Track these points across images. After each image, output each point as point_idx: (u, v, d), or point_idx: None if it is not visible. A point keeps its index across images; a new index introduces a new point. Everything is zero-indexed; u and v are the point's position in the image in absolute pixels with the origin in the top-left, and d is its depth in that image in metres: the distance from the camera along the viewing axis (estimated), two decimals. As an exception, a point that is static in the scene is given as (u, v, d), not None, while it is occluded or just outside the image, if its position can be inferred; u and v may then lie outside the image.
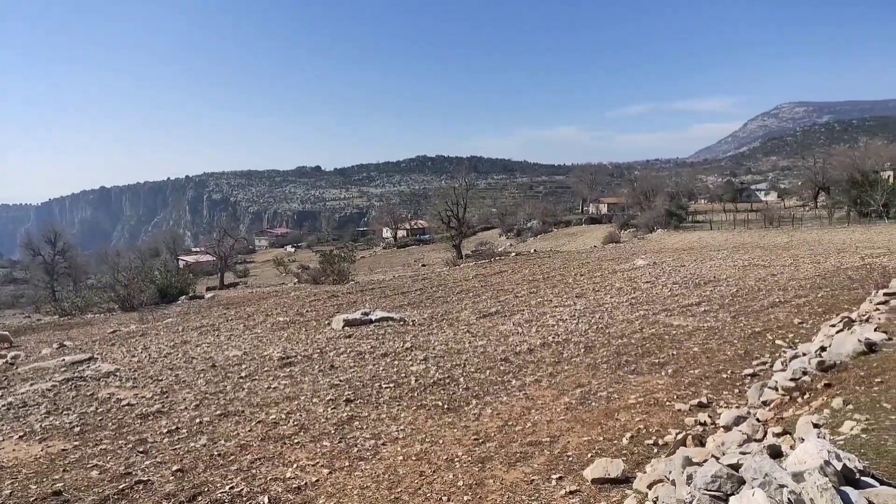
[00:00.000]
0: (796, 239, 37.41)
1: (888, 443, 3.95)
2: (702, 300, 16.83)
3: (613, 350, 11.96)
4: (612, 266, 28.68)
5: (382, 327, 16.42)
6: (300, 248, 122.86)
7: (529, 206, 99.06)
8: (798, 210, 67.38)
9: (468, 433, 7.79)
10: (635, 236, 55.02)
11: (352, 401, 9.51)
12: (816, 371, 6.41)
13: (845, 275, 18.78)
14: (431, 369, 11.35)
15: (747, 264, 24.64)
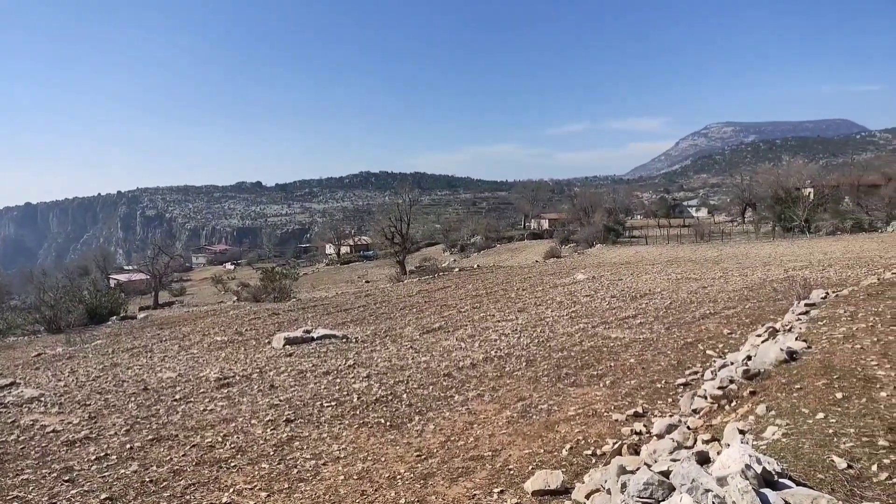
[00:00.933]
0: (725, 253, 39.08)
1: (805, 446, 4.19)
2: (638, 313, 17.35)
3: (554, 363, 12.17)
4: (553, 280, 29.22)
5: (324, 345, 16.19)
6: (240, 265, 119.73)
7: (473, 222, 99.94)
8: (727, 225, 70.50)
9: (411, 450, 7.76)
10: (575, 251, 56.23)
11: (292, 421, 9.32)
12: (742, 379, 6.73)
13: (770, 287, 19.75)
14: (374, 386, 11.27)
15: (680, 277, 25.57)
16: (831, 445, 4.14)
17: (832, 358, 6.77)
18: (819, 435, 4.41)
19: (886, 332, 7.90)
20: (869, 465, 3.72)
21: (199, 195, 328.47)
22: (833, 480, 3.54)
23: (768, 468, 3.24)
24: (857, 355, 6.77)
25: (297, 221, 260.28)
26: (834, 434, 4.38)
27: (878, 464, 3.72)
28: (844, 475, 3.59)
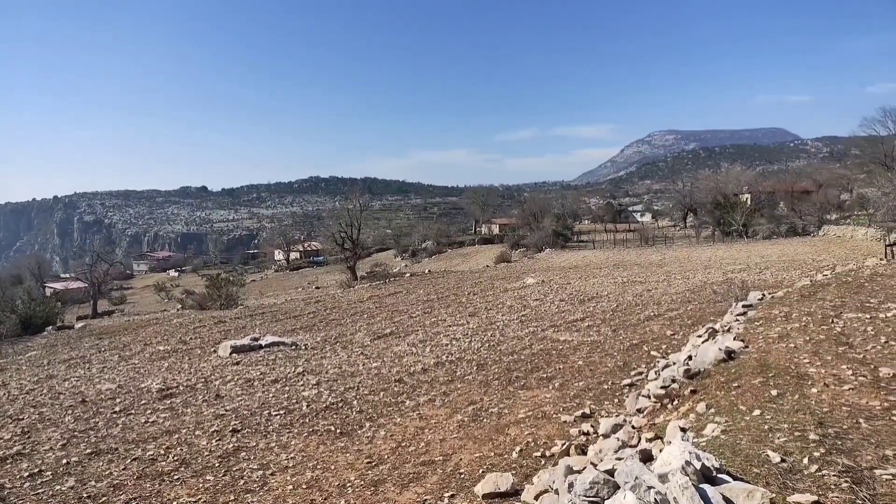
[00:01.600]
0: (669, 257, 40.29)
1: (742, 442, 4.36)
2: (586, 316, 17.69)
3: (504, 366, 12.29)
4: (504, 285, 29.50)
5: (273, 352, 15.89)
6: (184, 272, 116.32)
7: (424, 227, 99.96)
8: (670, 230, 72.67)
9: (361, 457, 7.70)
10: (525, 256, 56.89)
11: (238, 431, 9.11)
12: (684, 379, 6.95)
13: (711, 289, 20.46)
14: (324, 393, 11.13)
15: (626, 281, 26.21)
16: (766, 441, 4.32)
17: (768, 357, 7.06)
18: (755, 431, 4.59)
19: (818, 332, 8.29)
20: (801, 458, 3.90)
21: (140, 200, 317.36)
22: (768, 474, 3.69)
23: (707, 464, 3.36)
24: (790, 354, 7.08)
25: (245, 227, 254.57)
26: (769, 430, 4.58)
27: (808, 457, 3.90)
28: (778, 469, 3.76)
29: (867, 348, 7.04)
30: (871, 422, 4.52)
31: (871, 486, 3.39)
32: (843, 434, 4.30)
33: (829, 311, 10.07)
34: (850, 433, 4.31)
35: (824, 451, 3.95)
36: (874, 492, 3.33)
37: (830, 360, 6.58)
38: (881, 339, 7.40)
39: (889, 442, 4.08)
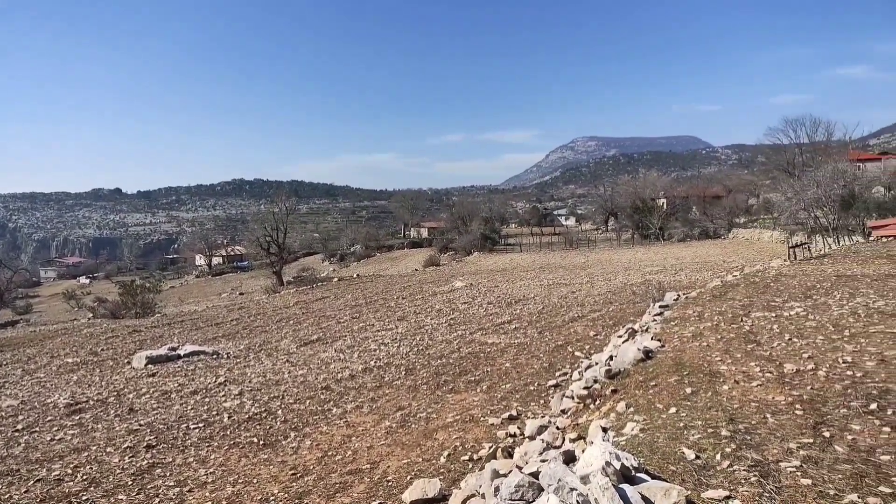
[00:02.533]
0: (592, 259, 41.58)
1: (659, 440, 4.51)
2: (513, 318, 17.96)
3: (433, 371, 12.28)
4: (433, 288, 29.56)
5: (192, 362, 15.26)
6: (97, 279, 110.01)
7: (352, 231, 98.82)
8: (593, 233, 74.99)
9: (285, 468, 7.48)
10: (454, 259, 57.27)
11: (154, 446, 8.67)
12: (605, 379, 7.16)
13: (631, 290, 21.23)
14: (247, 404, 10.77)
15: (552, 283, 26.82)
16: (682, 438, 4.48)
17: (683, 355, 7.37)
18: (671, 429, 4.76)
19: (728, 330, 8.74)
20: (714, 454, 4.07)
21: (48, 203, 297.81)
22: (683, 471, 3.83)
23: (626, 464, 3.44)
24: (703, 352, 7.42)
25: (163, 231, 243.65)
26: (684, 427, 4.76)
27: (721, 453, 4.07)
28: (693, 465, 3.90)
29: (773, 345, 7.47)
30: (776, 416, 4.78)
31: (777, 479, 3.57)
32: (751, 429, 4.53)
33: (738, 310, 10.64)
34: (759, 428, 4.54)
35: (735, 447, 4.13)
36: (780, 484, 3.51)
37: (740, 358, 6.93)
38: (785, 337, 7.86)
39: (793, 435, 4.32)
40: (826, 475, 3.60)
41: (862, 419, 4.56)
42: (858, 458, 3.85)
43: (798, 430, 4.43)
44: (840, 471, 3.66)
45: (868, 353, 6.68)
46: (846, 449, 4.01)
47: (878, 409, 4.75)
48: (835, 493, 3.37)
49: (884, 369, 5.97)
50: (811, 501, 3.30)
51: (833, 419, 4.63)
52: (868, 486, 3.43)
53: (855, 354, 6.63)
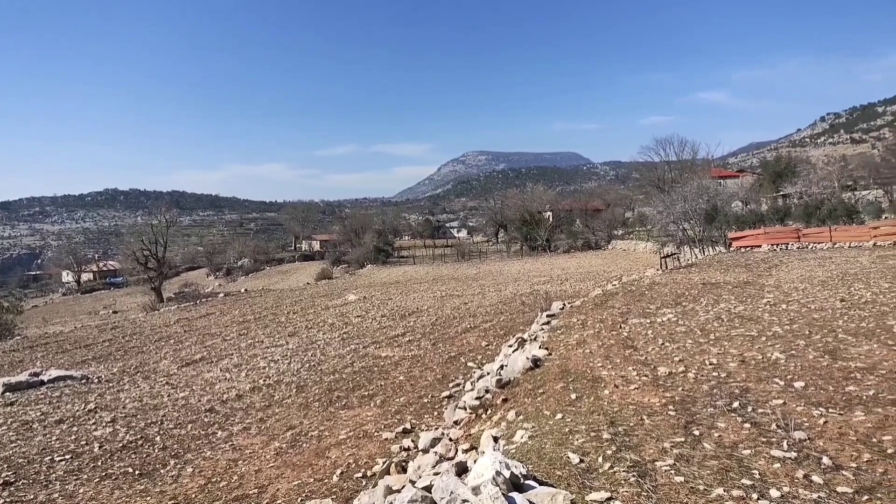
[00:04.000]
0: (483, 270, 42.55)
1: (547, 446, 4.67)
2: (407, 330, 17.97)
3: (325, 387, 12.02)
4: (325, 302, 28.98)
5: (58, 388, 13.93)
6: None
7: (240, 244, 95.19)
8: (484, 245, 76.88)
9: (164, 499, 7.00)
10: (347, 272, 56.56)
11: (11, 483, 7.81)
12: (496, 388, 7.32)
13: (520, 300, 21.92)
14: (120, 431, 9.99)
15: (445, 295, 27.14)
16: (567, 443, 4.67)
17: (568, 363, 7.69)
18: (558, 434, 4.95)
19: (608, 337, 9.23)
20: (596, 457, 4.27)
21: None
22: (569, 475, 3.98)
23: (515, 472, 3.53)
24: (587, 359, 7.78)
25: (24, 245, 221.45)
26: (569, 432, 4.95)
27: (602, 455, 4.28)
28: (577, 469, 4.07)
29: (648, 350, 7.98)
30: (652, 418, 5.10)
31: (653, 478, 3.80)
32: (630, 431, 4.79)
33: (617, 317, 11.28)
34: (636, 430, 4.82)
35: (615, 449, 4.36)
36: (656, 483, 3.73)
37: (619, 363, 7.33)
38: (659, 342, 8.43)
39: (666, 435, 4.62)
40: (696, 472, 3.88)
41: (726, 417, 4.96)
42: (724, 453, 4.19)
43: (671, 429, 4.74)
44: (708, 467, 3.96)
45: (730, 354, 7.31)
46: (713, 446, 4.34)
47: (739, 407, 5.20)
48: (704, 488, 3.64)
49: (744, 369, 6.55)
50: (684, 497, 3.53)
51: (701, 418, 5.00)
52: (732, 480, 3.73)
53: (719, 356, 7.23)
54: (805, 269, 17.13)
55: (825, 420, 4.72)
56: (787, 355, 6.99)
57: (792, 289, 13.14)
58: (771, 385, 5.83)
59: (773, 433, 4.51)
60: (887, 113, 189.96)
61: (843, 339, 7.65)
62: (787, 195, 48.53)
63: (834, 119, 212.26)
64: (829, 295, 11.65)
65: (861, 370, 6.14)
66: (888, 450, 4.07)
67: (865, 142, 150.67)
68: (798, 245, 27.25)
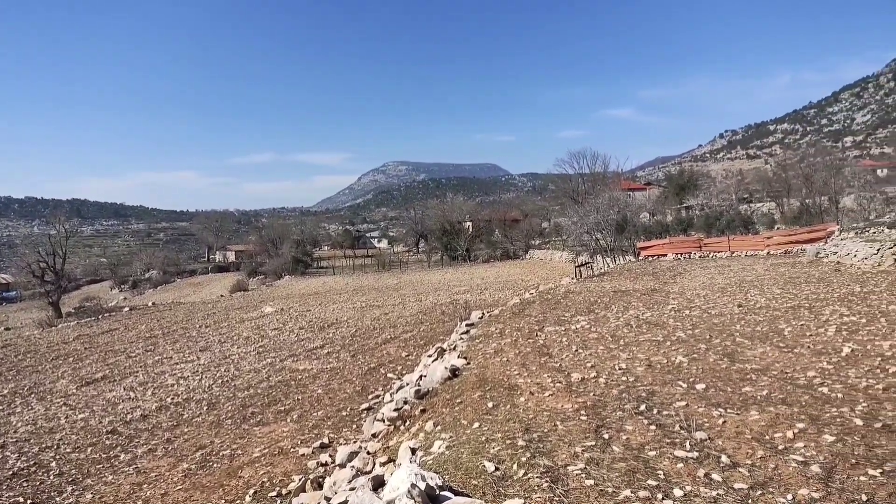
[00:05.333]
0: (404, 280, 42.47)
1: (463, 455, 4.69)
2: (325, 342, 17.65)
3: (239, 403, 11.61)
4: (240, 315, 28.02)
5: (-64, 415, 12.72)
6: None
7: (148, 255, 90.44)
8: (405, 255, 76.78)
9: (59, 530, 6.52)
10: (264, 283, 54.95)
11: None
12: (415, 399, 7.29)
13: (440, 310, 22.03)
14: (11, 458, 9.24)
15: (365, 305, 26.88)
16: (484, 452, 4.71)
17: (486, 371, 7.78)
18: (475, 443, 4.98)
19: (525, 345, 9.42)
20: (511, 464, 4.33)
21: None
22: (484, 484, 4.01)
23: (431, 483, 3.51)
24: (504, 367, 7.90)
25: None
26: (486, 441, 5.00)
27: (517, 462, 4.34)
28: (493, 477, 4.11)
29: (563, 357, 8.20)
30: (565, 423, 5.23)
31: (565, 483, 3.90)
32: (544, 437, 4.90)
33: (534, 325, 11.55)
34: (550, 436, 4.93)
35: (530, 456, 4.44)
36: (567, 487, 3.82)
37: (535, 370, 7.49)
38: (573, 349, 8.68)
39: (578, 440, 4.76)
40: (605, 474, 4.01)
41: (634, 420, 5.16)
42: (631, 455, 4.35)
43: (583, 434, 4.88)
44: (617, 469, 4.10)
45: (638, 359, 7.62)
46: (622, 448, 4.50)
47: (646, 410, 5.43)
48: (612, 490, 3.76)
49: (650, 373, 6.85)
50: (593, 500, 3.64)
51: (611, 422, 5.18)
52: (639, 481, 3.88)
53: (628, 361, 7.53)
54: (706, 276, 18.17)
55: (724, 420, 5.00)
56: (689, 359, 7.37)
57: (695, 295, 13.90)
58: (675, 388, 6.12)
59: (676, 434, 4.73)
60: (778, 131, 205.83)
61: (740, 343, 8.16)
62: (689, 207, 51.42)
63: (731, 136, 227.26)
64: (728, 301, 12.41)
65: (756, 371, 6.56)
66: (779, 446, 4.35)
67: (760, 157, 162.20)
68: (700, 254, 28.90)
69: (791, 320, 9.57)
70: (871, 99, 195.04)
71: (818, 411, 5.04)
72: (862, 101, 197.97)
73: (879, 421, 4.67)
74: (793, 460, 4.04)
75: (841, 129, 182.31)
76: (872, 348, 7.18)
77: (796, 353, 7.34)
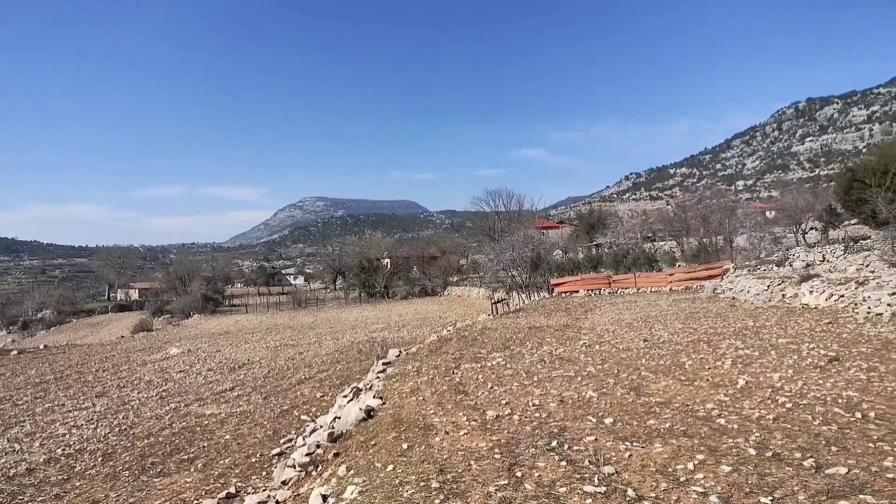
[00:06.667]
0: (320, 318, 41.61)
1: (376, 500, 4.60)
2: (236, 385, 16.92)
3: (138, 453, 10.85)
4: (143, 357, 26.43)
5: None
6: None
7: (41, 294, 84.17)
8: (322, 292, 75.48)
9: None
10: (171, 323, 52.34)
11: None
12: (328, 442, 7.09)
13: (357, 348, 21.69)
14: None
15: (279, 345, 26.06)
16: (397, 496, 4.63)
17: (401, 411, 7.70)
18: (388, 487, 4.90)
19: (441, 383, 9.42)
20: (425, 507, 4.29)
21: None
22: (397, 529, 3.94)
23: (342, 532, 3.42)
24: (419, 406, 7.85)
25: None
26: (400, 483, 4.93)
27: (431, 505, 4.31)
28: (406, 522, 4.05)
29: (478, 394, 8.26)
30: (479, 462, 5.24)
31: (477, 523, 3.89)
32: (458, 477, 4.88)
33: (451, 363, 11.58)
34: (464, 476, 4.92)
35: (443, 498, 4.41)
36: (480, 528, 3.83)
37: (451, 409, 7.49)
38: (488, 385, 8.76)
39: (492, 479, 4.78)
40: (517, 513, 4.04)
41: (546, 456, 5.25)
42: (542, 492, 4.41)
43: (496, 472, 4.91)
44: (528, 507, 4.14)
45: (551, 395, 7.79)
46: (533, 486, 4.56)
47: (557, 446, 5.53)
48: (524, 528, 3.79)
49: (562, 409, 7.01)
50: (505, 540, 3.65)
51: (524, 459, 5.24)
52: (549, 517, 3.93)
53: (542, 397, 7.68)
54: (615, 312, 18.94)
55: (630, 453, 5.17)
56: (599, 393, 7.61)
57: (604, 331, 14.43)
58: (585, 423, 6.29)
59: (586, 469, 4.84)
60: (678, 174, 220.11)
61: (645, 377, 8.52)
62: (599, 245, 53.71)
63: (636, 178, 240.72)
64: (635, 336, 12.96)
65: (660, 405, 6.85)
66: (681, 478, 4.55)
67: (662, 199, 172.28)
68: (609, 290, 30.13)
69: (692, 354, 10.11)
70: (759, 146, 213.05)
71: (716, 442, 5.32)
72: (751, 147, 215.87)
73: (770, 450, 4.98)
74: (693, 491, 4.23)
75: (733, 174, 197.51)
76: (764, 380, 7.69)
77: (696, 385, 7.74)
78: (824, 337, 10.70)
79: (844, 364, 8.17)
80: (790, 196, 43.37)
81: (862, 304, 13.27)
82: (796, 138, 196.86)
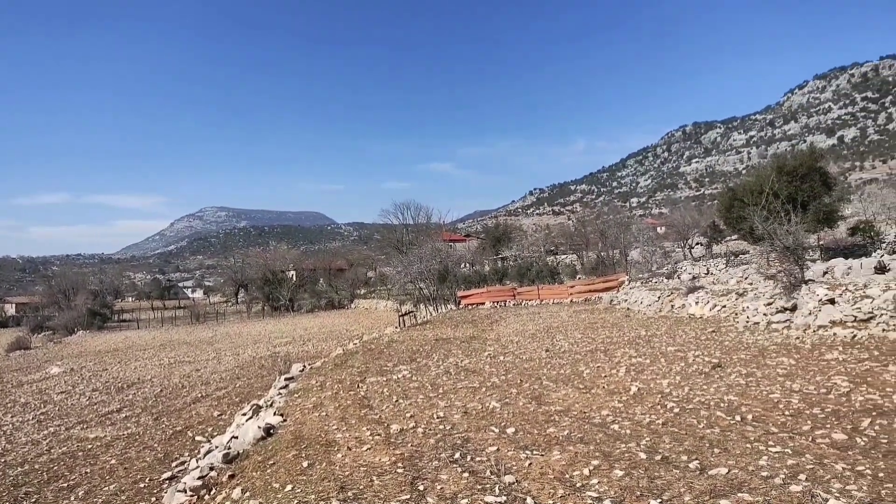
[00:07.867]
0: (220, 333, 39.86)
1: (273, 521, 4.42)
2: (123, 405, 15.85)
3: (10, 483, 9.90)
4: (18, 378, 24.21)
5: None
6: None
7: None
8: (222, 305, 72.44)
9: None
10: (52, 340, 48.33)
11: None
12: (223, 464, 6.74)
13: (259, 364, 20.93)
14: None
15: (173, 362, 24.70)
16: (296, 516, 4.48)
17: (303, 428, 7.47)
18: (287, 508, 4.72)
19: (346, 398, 9.25)
20: (324, 526, 4.16)
21: None
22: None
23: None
24: (322, 422, 7.66)
25: None
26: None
27: (331, 523, 4.19)
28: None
29: (383, 408, 8.17)
30: (381, 478, 5.17)
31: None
32: (359, 495, 4.79)
33: (356, 376, 11.40)
34: (365, 492, 4.83)
35: (344, 516, 4.30)
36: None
37: (355, 424, 7.36)
38: (393, 399, 8.69)
39: (394, 494, 4.72)
40: (419, 527, 4.01)
41: (448, 469, 5.25)
42: (444, 505, 4.40)
43: (398, 488, 4.86)
44: (430, 520, 4.12)
45: (456, 406, 7.84)
46: (435, 499, 4.54)
47: (460, 457, 5.56)
48: (425, 542, 3.76)
49: (466, 420, 7.06)
50: (406, 556, 3.60)
51: (427, 472, 5.22)
52: (450, 530, 3.92)
53: (446, 409, 7.70)
54: (519, 323, 19.40)
55: (530, 462, 5.28)
56: (502, 403, 7.73)
57: (509, 342, 14.74)
58: (488, 433, 6.36)
59: (487, 479, 4.89)
60: (578, 191, 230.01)
61: (546, 386, 8.75)
62: (505, 258, 54.90)
63: (540, 193, 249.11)
64: (538, 346, 13.32)
65: (559, 413, 7.06)
66: (577, 484, 4.68)
67: (563, 213, 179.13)
68: (514, 302, 30.87)
69: (590, 363, 10.51)
70: (651, 166, 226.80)
71: (610, 448, 5.53)
72: (644, 167, 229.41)
73: (659, 454, 5.24)
74: (588, 497, 4.37)
75: (628, 191, 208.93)
76: (654, 386, 8.11)
77: (593, 393, 8.04)
78: (708, 345, 11.46)
79: (726, 370, 8.77)
80: (678, 213, 46.21)
81: (741, 313, 14.35)
82: (684, 159, 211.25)
